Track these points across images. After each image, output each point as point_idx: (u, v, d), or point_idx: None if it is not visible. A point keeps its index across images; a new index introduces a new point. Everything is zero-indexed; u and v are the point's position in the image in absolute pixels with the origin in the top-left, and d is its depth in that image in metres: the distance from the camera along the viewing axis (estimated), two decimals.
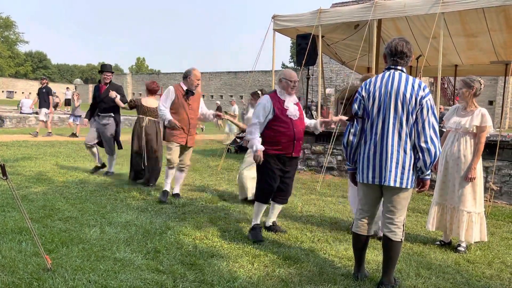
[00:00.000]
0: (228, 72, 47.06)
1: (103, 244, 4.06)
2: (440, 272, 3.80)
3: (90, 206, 5.47)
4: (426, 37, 9.22)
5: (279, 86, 4.54)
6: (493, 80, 29.86)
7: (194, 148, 6.53)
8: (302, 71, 11.46)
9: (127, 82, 54.87)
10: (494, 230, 5.26)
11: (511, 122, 29.38)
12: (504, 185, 6.92)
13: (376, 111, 3.29)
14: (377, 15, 8.75)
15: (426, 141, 3.14)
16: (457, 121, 4.44)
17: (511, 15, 8.64)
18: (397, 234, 3.32)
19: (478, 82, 4.38)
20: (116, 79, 57.30)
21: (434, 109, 3.19)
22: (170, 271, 3.48)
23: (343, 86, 31.22)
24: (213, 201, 6.18)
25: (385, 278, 3.36)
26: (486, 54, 11.16)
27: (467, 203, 4.37)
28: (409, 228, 5.20)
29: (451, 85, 27.13)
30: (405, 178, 3.22)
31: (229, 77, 46.42)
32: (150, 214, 5.24)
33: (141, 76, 56.21)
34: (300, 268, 3.72)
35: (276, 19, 10.15)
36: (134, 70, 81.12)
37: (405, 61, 3.33)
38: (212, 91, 47.16)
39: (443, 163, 4.53)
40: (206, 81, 48.10)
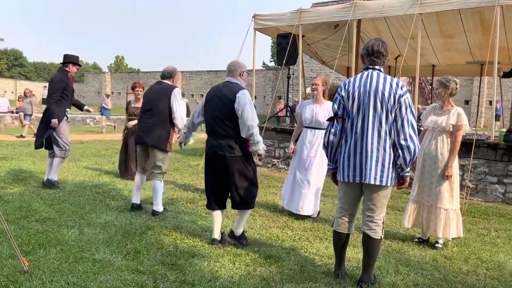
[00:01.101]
0: (208, 71, 46.84)
1: (82, 245, 3.99)
2: (418, 268, 3.87)
3: (68, 206, 5.37)
4: (405, 37, 9.37)
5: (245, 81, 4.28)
6: (469, 80, 30.57)
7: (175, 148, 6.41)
8: (283, 71, 11.50)
9: (106, 80, 54.06)
10: (470, 227, 5.39)
11: (486, 121, 30.12)
12: (480, 183, 7.10)
13: (356, 110, 3.33)
14: (357, 15, 8.85)
15: (405, 139, 3.20)
16: (434, 120, 4.53)
17: (486, 16, 8.86)
18: (376, 232, 3.37)
19: (454, 82, 4.48)
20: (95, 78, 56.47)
21: (412, 107, 3.25)
22: (151, 272, 3.45)
23: None
24: (194, 200, 6.16)
25: (365, 275, 3.41)
26: (462, 54, 11.41)
27: (444, 200, 4.46)
28: (388, 226, 5.28)
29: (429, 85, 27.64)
30: (385, 176, 3.27)
31: (210, 76, 46.21)
32: (130, 215, 5.17)
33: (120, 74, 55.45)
34: (281, 267, 3.74)
35: (257, 18, 10.16)
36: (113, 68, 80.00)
37: (382, 60, 3.38)
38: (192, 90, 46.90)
39: (420, 162, 4.61)
40: (187, 80, 47.81)
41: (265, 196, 6.71)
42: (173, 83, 5.37)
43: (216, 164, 4.13)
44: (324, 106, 5.50)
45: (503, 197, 6.87)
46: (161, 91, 5.23)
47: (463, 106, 30.69)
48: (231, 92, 4.03)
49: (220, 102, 4.05)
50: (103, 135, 16.80)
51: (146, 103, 5.31)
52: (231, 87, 4.08)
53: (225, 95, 4.04)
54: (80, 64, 6.66)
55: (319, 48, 12.13)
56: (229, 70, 4.22)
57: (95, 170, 8.26)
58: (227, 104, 3.99)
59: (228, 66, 4.24)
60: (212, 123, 4.12)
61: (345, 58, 11.47)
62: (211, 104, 4.15)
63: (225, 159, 4.04)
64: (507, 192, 6.84)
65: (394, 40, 10.80)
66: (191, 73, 47.92)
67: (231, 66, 4.21)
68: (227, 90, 4.07)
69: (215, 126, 4.09)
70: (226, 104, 4.00)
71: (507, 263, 4.12)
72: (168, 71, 5.37)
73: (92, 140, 14.11)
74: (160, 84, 5.32)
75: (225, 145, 4.03)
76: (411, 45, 8.99)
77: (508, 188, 6.84)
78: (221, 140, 4.05)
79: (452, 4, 7.75)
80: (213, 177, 4.21)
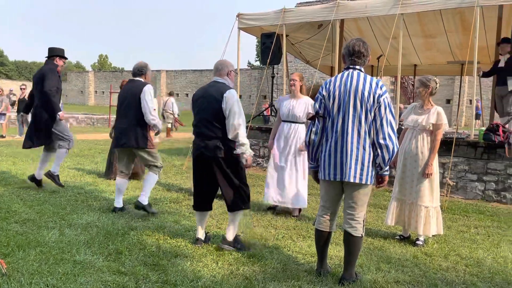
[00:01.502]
0: (193, 70, 46.64)
1: (62, 246, 3.94)
2: (399, 265, 3.92)
3: (49, 207, 5.29)
4: (387, 37, 9.47)
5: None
6: (450, 79, 31.03)
7: (159, 147, 6.38)
8: (267, 70, 11.52)
9: (89, 79, 53.37)
10: (451, 224, 5.48)
11: (467, 120, 30.64)
12: (460, 181, 7.22)
13: (336, 109, 3.36)
14: (340, 15, 8.91)
15: (384, 138, 3.24)
16: (415, 119, 4.59)
17: (466, 17, 9.02)
18: (357, 229, 3.40)
19: (434, 81, 4.55)
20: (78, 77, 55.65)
21: (391, 106, 3.29)
22: (132, 273, 3.43)
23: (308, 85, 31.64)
24: (177, 200, 6.13)
25: (346, 273, 3.44)
26: (443, 54, 11.60)
27: (425, 198, 4.53)
28: (370, 224, 5.33)
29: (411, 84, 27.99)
30: (365, 174, 3.30)
31: (195, 75, 46.02)
32: (112, 215, 5.12)
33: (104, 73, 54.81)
34: (264, 266, 3.75)
35: (241, 17, 10.16)
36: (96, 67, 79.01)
37: (363, 60, 3.41)
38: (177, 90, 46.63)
39: (401, 160, 4.67)
40: (171, 79, 47.53)
41: None
42: (145, 79, 5.24)
43: (204, 166, 4.05)
44: (301, 100, 5.60)
45: (482, 195, 7.00)
46: (134, 89, 5.11)
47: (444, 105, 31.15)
48: (218, 92, 3.95)
49: (207, 102, 3.98)
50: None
51: (120, 104, 5.21)
52: (218, 87, 4.01)
53: (212, 95, 3.97)
54: (66, 57, 6.44)
55: (303, 48, 12.19)
56: (216, 69, 4.14)
57: (77, 170, 8.16)
58: (214, 104, 3.92)
59: (215, 66, 4.16)
60: (199, 124, 4.04)
61: (328, 57, 11.54)
62: (198, 105, 4.08)
63: (213, 160, 3.97)
64: (487, 189, 6.98)
65: (376, 40, 10.92)
66: (175, 72, 47.66)
67: (218, 65, 4.13)
68: (213, 90, 4.00)
69: (202, 127, 4.01)
70: (213, 104, 3.93)
71: (486, 259, 4.21)
72: (139, 68, 5.22)
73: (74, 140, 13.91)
74: (132, 83, 5.23)
75: (212, 146, 3.94)
76: (393, 45, 9.10)
77: (487, 186, 6.97)
78: (208, 141, 3.96)
79: (433, 4, 7.87)
80: (201, 179, 4.15)
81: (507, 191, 6.79)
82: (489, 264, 4.07)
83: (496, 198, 6.88)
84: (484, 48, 10.09)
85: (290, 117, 5.58)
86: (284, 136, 5.61)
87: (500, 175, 6.86)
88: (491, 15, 8.49)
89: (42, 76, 6.05)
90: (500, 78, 8.02)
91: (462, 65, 11.44)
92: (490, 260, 4.19)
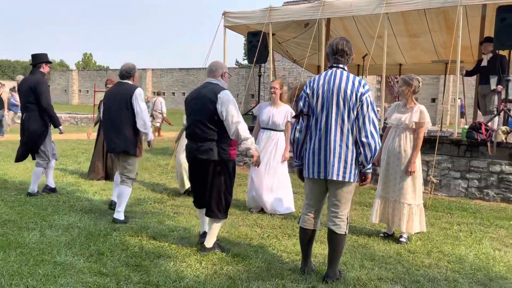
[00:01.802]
0: (180, 68, 46.36)
1: (43, 247, 3.87)
2: (382, 262, 3.94)
3: (30, 208, 5.20)
4: (372, 36, 9.52)
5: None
6: (435, 78, 31.40)
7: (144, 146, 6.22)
8: (254, 69, 11.50)
9: (73, 78, 52.68)
10: (434, 221, 5.53)
11: (452, 118, 31.05)
12: (444, 178, 7.30)
13: (320, 107, 3.36)
14: (326, 14, 8.93)
15: (366, 136, 3.25)
16: (398, 117, 4.62)
17: (450, 16, 9.11)
18: (341, 227, 3.41)
19: (417, 80, 4.58)
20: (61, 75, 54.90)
21: (373, 105, 3.30)
22: (114, 274, 3.38)
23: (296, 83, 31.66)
24: (162, 200, 6.07)
25: (330, 270, 3.45)
26: (428, 53, 11.71)
27: (408, 195, 4.56)
28: (355, 221, 5.36)
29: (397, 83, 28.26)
30: (348, 172, 3.31)
31: (181, 74, 45.74)
32: (94, 216, 5.06)
33: (88, 72, 54.17)
34: (248, 265, 3.73)
35: (227, 15, 10.12)
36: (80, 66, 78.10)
37: (346, 59, 3.42)
38: (164, 88, 46.33)
39: (385, 158, 4.70)
40: (158, 78, 47.18)
41: (235, 194, 6.67)
42: (134, 82, 5.05)
43: (198, 168, 3.98)
44: (282, 108, 5.64)
45: (465, 192, 7.09)
46: (123, 92, 4.90)
47: (429, 104, 31.51)
48: (212, 93, 3.86)
49: (200, 103, 3.89)
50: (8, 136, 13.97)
51: (108, 107, 4.99)
52: (212, 88, 3.93)
53: (206, 96, 3.87)
54: (50, 61, 6.25)
55: (289, 47, 12.19)
56: (210, 70, 4.06)
57: (59, 170, 8.04)
58: (208, 105, 3.82)
59: (209, 67, 4.09)
60: (192, 126, 3.95)
61: (315, 56, 11.56)
62: (191, 106, 4.00)
63: (205, 163, 3.89)
64: (470, 186, 7.06)
65: (362, 39, 10.97)
66: (162, 71, 47.32)
67: (212, 66, 4.06)
68: (207, 91, 3.91)
69: (196, 129, 3.90)
70: (207, 105, 3.83)
71: (468, 256, 4.25)
72: (127, 70, 5.02)
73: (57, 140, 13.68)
74: (121, 85, 5.01)
75: (205, 148, 3.85)
76: (378, 43, 9.16)
77: (470, 183, 7.06)
78: (201, 144, 3.87)
79: (417, 4, 7.93)
80: (196, 180, 4.09)
81: (489, 188, 6.89)
82: (471, 261, 4.11)
83: (478, 196, 6.97)
84: (468, 47, 10.21)
85: (270, 125, 5.63)
86: (264, 143, 5.63)
87: (483, 172, 6.95)
88: (474, 14, 8.60)
89: (34, 89, 5.80)
90: (483, 77, 8.13)
91: (446, 64, 11.52)
92: (472, 256, 4.24)
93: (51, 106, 5.92)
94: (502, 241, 4.77)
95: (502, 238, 4.90)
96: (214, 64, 4.08)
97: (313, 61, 12.18)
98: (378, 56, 10.83)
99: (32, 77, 5.94)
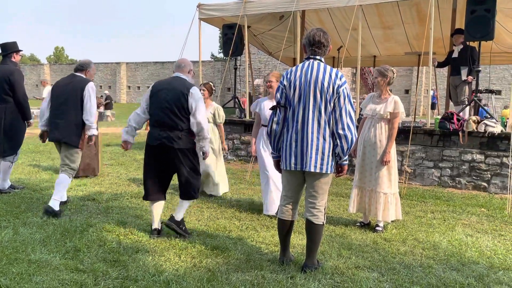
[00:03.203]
0: (155, 62, 45.72)
1: (16, 246, 3.78)
2: (359, 251, 4.01)
3: (1, 206, 5.06)
4: (347, 28, 9.59)
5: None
6: (408, 70, 31.98)
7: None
8: (229, 62, 11.45)
9: (45, 73, 51.30)
10: (409, 210, 5.65)
11: (424, 109, 31.72)
12: (418, 168, 7.46)
13: (297, 99, 3.37)
14: (300, 6, 8.94)
15: (343, 128, 3.28)
16: (373, 108, 4.69)
17: (422, 8, 9.27)
18: (319, 217, 3.45)
19: (391, 71, 4.65)
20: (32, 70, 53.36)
21: (350, 97, 3.33)
22: (91, 270, 3.33)
23: None
24: (139, 195, 5.99)
25: (309, 260, 3.49)
26: (401, 45, 11.89)
27: (384, 185, 4.65)
28: (332, 212, 5.43)
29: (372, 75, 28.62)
30: (325, 163, 3.34)
31: (156, 68, 45.14)
32: (69, 212, 4.96)
33: (61, 66, 52.82)
34: (228, 257, 3.74)
35: (201, 8, 10.02)
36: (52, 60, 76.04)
37: (323, 50, 3.43)
38: (138, 82, 45.65)
39: (361, 148, 4.77)
40: (132, 71, 46.43)
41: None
42: (86, 76, 5.12)
43: (162, 156, 4.14)
44: None
45: (439, 181, 7.27)
46: (76, 84, 4.96)
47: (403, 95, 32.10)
48: (183, 86, 4.08)
49: (172, 94, 4.08)
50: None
51: (57, 97, 4.96)
52: (183, 82, 4.16)
53: (177, 88, 4.08)
54: (21, 49, 6.04)
55: (265, 39, 12.17)
56: (179, 65, 4.32)
57: (32, 166, 7.85)
58: (180, 97, 4.04)
59: (177, 62, 4.36)
60: (161, 114, 4.09)
61: (290, 49, 11.59)
62: (161, 96, 4.13)
63: (173, 150, 4.08)
64: (443, 175, 7.25)
65: (337, 31, 11.06)
66: (136, 65, 46.57)
67: (181, 62, 4.33)
68: (178, 84, 4.13)
69: (165, 117, 4.08)
70: (179, 96, 4.04)
71: (441, 242, 4.37)
72: (81, 64, 5.15)
73: (29, 136, 13.34)
74: (73, 77, 5.06)
75: (174, 136, 4.05)
76: (353, 35, 9.24)
77: (443, 172, 7.24)
78: (170, 132, 4.05)
79: None
80: (157, 169, 4.22)
81: (461, 176, 7.08)
82: (444, 247, 4.23)
83: (451, 184, 7.16)
84: (440, 39, 10.43)
85: None
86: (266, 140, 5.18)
87: (455, 161, 7.14)
88: (446, 6, 8.77)
89: (8, 79, 5.62)
90: (454, 68, 8.31)
91: (419, 56, 11.75)
92: (445, 243, 4.36)
93: (26, 97, 5.83)
94: (474, 228, 4.92)
95: (473, 224, 5.05)
96: (183, 61, 4.36)
97: (289, 53, 12.21)
98: (353, 48, 10.95)
99: (4, 67, 5.77)
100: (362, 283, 3.29)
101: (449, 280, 3.42)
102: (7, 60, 5.86)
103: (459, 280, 3.43)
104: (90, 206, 5.24)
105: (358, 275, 3.45)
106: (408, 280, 3.40)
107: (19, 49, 5.97)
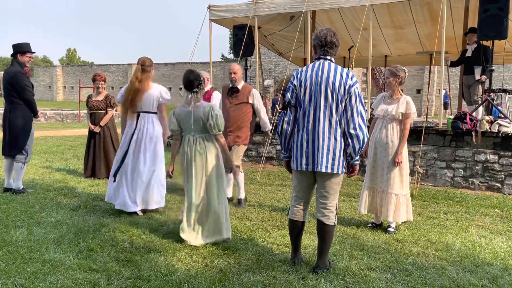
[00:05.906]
0: (165, 63, 45.99)
1: (31, 245, 3.83)
2: (371, 252, 3.99)
3: (16, 206, 5.13)
4: (358, 28, 9.55)
5: None
6: (420, 69, 31.72)
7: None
8: (240, 62, 11.47)
9: (57, 74, 51.89)
10: (421, 211, 5.61)
11: (437, 109, 31.41)
12: (430, 168, 7.40)
13: (308, 100, 3.37)
14: (311, 7, 8.92)
15: (354, 128, 3.27)
16: (384, 108, 4.66)
17: (434, 7, 9.19)
18: (330, 218, 3.44)
19: (403, 71, 4.62)
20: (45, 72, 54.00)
21: (361, 97, 3.32)
22: (104, 269, 3.36)
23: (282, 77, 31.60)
24: None
25: (320, 261, 3.48)
26: (413, 45, 11.80)
27: (395, 186, 4.62)
28: (344, 212, 5.40)
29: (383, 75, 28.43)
30: (336, 163, 3.33)
31: (167, 69, 45.42)
32: (83, 212, 5.01)
33: (73, 68, 53.40)
34: (239, 258, 3.75)
35: (212, 9, 10.05)
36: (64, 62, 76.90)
37: (334, 51, 3.43)
38: None
39: (372, 149, 4.74)
40: None
41: None
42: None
43: None
44: None
45: (451, 181, 7.19)
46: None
47: (414, 95, 31.84)
48: None
49: None
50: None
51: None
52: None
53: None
54: (33, 51, 6.09)
55: (275, 40, 12.17)
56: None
57: (45, 167, 7.94)
58: None
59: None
60: None
61: (301, 49, 11.57)
62: None
63: None
64: (455, 176, 7.17)
65: (348, 31, 11.01)
66: None
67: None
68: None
69: None
70: None
71: (455, 243, 4.33)
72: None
73: (43, 137, 13.51)
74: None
75: None
76: (363, 35, 9.19)
77: (456, 173, 7.17)
78: None
79: None
80: None
81: (474, 177, 7.00)
82: (458, 248, 4.18)
83: (464, 184, 7.08)
84: (452, 38, 10.32)
85: None
86: None
87: (468, 162, 7.06)
88: (458, 5, 8.68)
89: (11, 81, 5.77)
90: (467, 68, 8.23)
91: (431, 55, 11.66)
92: (459, 244, 4.32)
93: (31, 94, 5.90)
94: (487, 229, 4.86)
95: (487, 225, 4.99)
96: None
97: (299, 54, 12.19)
98: (364, 48, 10.88)
99: (9, 70, 5.95)
100: (374, 284, 3.27)
101: (463, 281, 3.39)
102: (13, 61, 5.99)
103: (473, 281, 3.39)
104: (103, 206, 5.29)
105: (370, 276, 3.43)
106: (421, 282, 3.37)
107: (23, 50, 5.99)
